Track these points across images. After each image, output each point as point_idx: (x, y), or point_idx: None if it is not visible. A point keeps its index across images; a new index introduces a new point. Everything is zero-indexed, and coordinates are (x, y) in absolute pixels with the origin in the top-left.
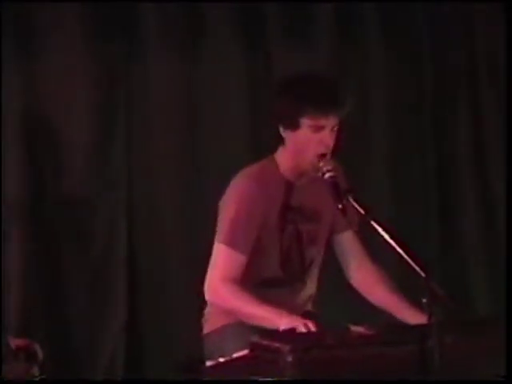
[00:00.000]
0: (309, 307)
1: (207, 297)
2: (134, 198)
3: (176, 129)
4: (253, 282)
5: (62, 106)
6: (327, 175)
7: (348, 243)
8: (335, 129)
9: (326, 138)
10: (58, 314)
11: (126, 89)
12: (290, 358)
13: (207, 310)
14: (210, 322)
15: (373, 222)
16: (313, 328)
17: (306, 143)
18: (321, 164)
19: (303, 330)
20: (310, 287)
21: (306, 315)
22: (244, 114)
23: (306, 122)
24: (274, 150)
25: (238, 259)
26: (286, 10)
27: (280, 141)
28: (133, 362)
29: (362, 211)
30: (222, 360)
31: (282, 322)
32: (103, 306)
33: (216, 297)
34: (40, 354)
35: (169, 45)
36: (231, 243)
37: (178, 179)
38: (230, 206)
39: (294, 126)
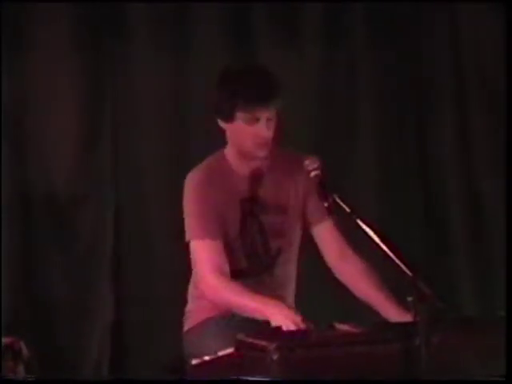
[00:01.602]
0: (289, 300)
1: (206, 294)
2: (121, 198)
3: (163, 128)
4: None
5: (49, 106)
6: (313, 174)
7: (327, 233)
8: (273, 119)
9: (262, 129)
10: (44, 314)
11: (112, 88)
12: (275, 356)
13: (187, 308)
14: (191, 319)
15: (358, 221)
16: (301, 324)
17: (243, 135)
18: (306, 162)
19: (291, 326)
20: (282, 280)
21: None
22: None
23: (240, 115)
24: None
25: (214, 245)
26: (274, 10)
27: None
28: (118, 361)
29: (348, 209)
30: (207, 358)
31: (275, 312)
32: (89, 306)
33: (210, 290)
34: (25, 353)
35: (156, 45)
36: (201, 235)
37: (165, 179)
38: (185, 202)
39: (229, 118)
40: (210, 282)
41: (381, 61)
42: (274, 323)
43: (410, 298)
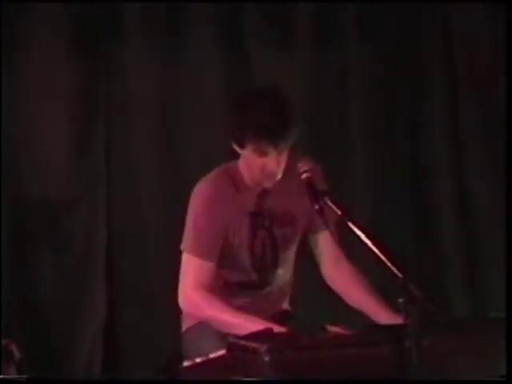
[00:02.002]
0: (285, 306)
1: (181, 305)
2: (114, 199)
3: (155, 129)
4: (225, 284)
5: (42, 107)
6: (304, 176)
7: (324, 243)
8: (284, 154)
9: (270, 163)
10: (36, 315)
11: (106, 90)
12: (267, 358)
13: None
14: (188, 319)
15: (349, 223)
16: None
17: (251, 164)
18: (298, 165)
19: None
20: (282, 287)
21: (281, 314)
22: (222, 115)
23: (250, 146)
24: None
25: (207, 267)
26: (265, 10)
27: None
28: (110, 362)
29: (339, 212)
30: (198, 360)
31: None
32: (82, 308)
33: (190, 305)
34: (17, 354)
35: (148, 46)
36: (197, 253)
37: (158, 181)
38: (191, 212)
39: (240, 145)
40: (193, 298)
41: (372, 61)
42: None
43: (400, 300)
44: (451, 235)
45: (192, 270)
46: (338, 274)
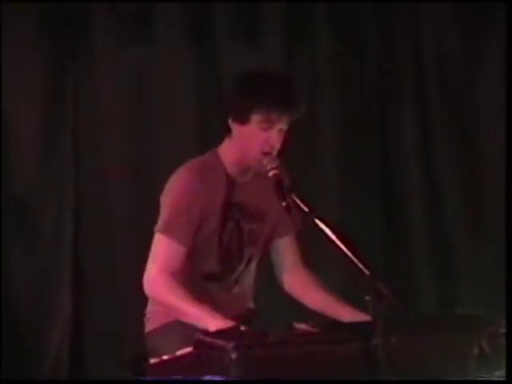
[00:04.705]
0: (250, 304)
1: (145, 287)
2: (81, 196)
3: (125, 128)
4: (191, 275)
5: (10, 106)
6: (271, 173)
7: (284, 248)
8: (283, 130)
9: (273, 137)
10: (3, 313)
11: (73, 88)
12: (234, 355)
13: (149, 309)
14: (152, 320)
15: (316, 220)
16: None
17: (252, 139)
18: (265, 162)
19: None
20: (246, 285)
21: (245, 312)
22: (191, 111)
23: (256, 118)
24: (220, 141)
25: (178, 250)
26: (235, 7)
27: (226, 133)
28: (77, 360)
29: (306, 209)
30: (165, 357)
31: (214, 324)
32: (49, 306)
33: (152, 288)
34: None
35: (117, 39)
36: (170, 233)
37: (127, 179)
38: (170, 197)
39: (243, 120)
40: (156, 281)
41: (343, 59)
42: None
43: (367, 297)
44: (420, 234)
45: (162, 252)
46: (295, 280)
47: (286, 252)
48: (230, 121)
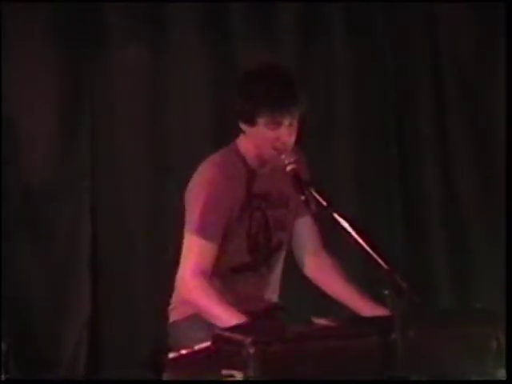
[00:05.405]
0: (275, 299)
1: (178, 289)
2: (98, 195)
3: (141, 127)
4: (222, 268)
5: (26, 106)
6: (289, 168)
7: (306, 228)
8: (294, 124)
9: (283, 135)
10: (21, 313)
11: (90, 88)
12: (252, 350)
13: (174, 298)
14: (177, 311)
15: (335, 214)
16: None
17: (264, 139)
18: (282, 156)
19: None
20: (276, 272)
21: (272, 308)
22: (208, 103)
23: (261, 120)
24: (235, 137)
25: (210, 249)
26: (250, 8)
27: (240, 133)
28: (95, 359)
29: (324, 203)
30: (183, 352)
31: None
32: (66, 304)
33: (186, 292)
34: (2, 353)
35: (133, 40)
36: (203, 234)
37: (143, 178)
38: (197, 194)
39: (250, 122)
40: (188, 285)
41: (359, 59)
42: None
43: (386, 292)
44: (438, 231)
45: (194, 253)
46: (317, 263)
47: (307, 233)
48: (240, 123)
